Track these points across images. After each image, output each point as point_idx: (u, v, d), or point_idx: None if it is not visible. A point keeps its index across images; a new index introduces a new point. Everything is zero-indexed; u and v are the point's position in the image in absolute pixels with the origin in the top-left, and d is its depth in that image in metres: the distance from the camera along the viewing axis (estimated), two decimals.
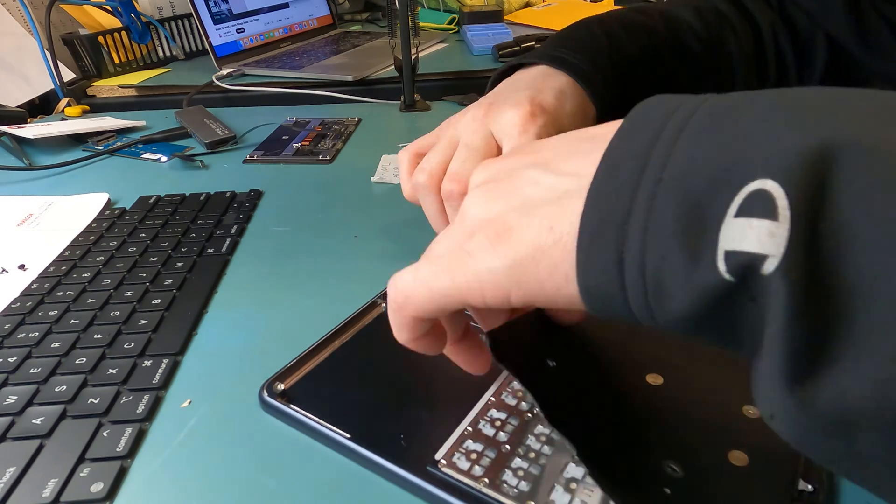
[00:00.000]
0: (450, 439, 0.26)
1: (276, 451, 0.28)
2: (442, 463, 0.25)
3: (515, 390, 0.29)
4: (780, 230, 0.14)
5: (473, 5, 1.20)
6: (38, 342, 0.35)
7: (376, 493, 0.25)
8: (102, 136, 0.71)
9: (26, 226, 0.51)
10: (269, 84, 0.88)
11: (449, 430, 0.27)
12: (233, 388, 0.32)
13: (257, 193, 0.54)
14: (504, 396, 0.29)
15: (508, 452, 0.25)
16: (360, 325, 0.34)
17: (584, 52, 0.41)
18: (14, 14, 0.91)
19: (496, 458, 0.25)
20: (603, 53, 0.43)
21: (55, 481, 0.26)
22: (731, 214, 0.15)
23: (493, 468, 0.25)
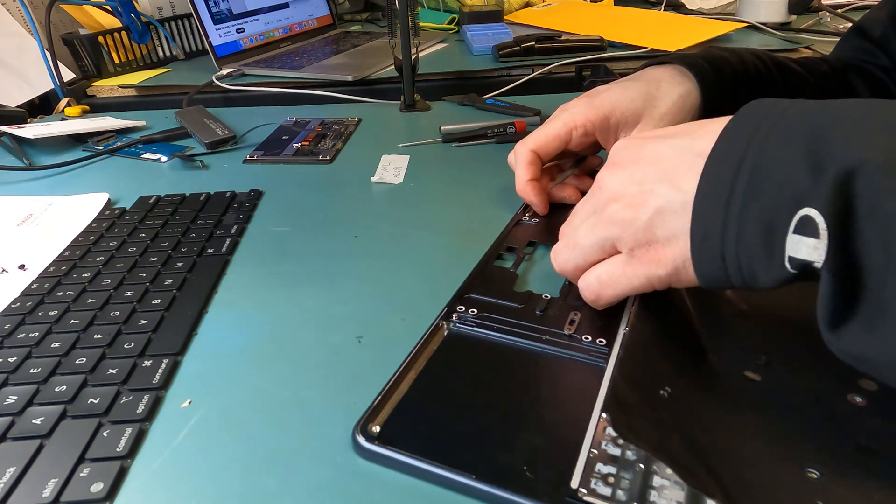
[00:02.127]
0: (578, 464, 0.24)
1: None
2: (582, 492, 0.23)
3: None
4: (822, 245, 0.22)
5: (473, 5, 1.20)
6: (38, 342, 0.35)
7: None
8: (102, 136, 0.70)
9: (26, 226, 0.50)
10: (269, 84, 0.88)
11: (570, 453, 0.25)
12: (233, 388, 0.32)
13: (257, 193, 0.54)
14: None
15: (644, 471, 0.24)
16: (431, 350, 0.32)
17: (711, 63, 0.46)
18: (14, 14, 0.91)
19: (634, 479, 0.24)
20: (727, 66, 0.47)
21: (55, 481, 0.26)
22: (790, 231, 0.23)
23: (637, 491, 0.23)
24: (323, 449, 0.28)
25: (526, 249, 0.42)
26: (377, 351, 0.34)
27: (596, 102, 0.45)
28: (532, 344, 0.32)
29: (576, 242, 0.33)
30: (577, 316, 0.34)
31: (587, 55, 0.92)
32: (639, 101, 0.44)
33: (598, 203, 0.32)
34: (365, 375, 0.32)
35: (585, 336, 0.32)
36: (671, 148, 0.30)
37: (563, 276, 0.36)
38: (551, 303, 0.35)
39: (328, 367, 0.33)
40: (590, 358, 0.31)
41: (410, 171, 0.57)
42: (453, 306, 0.35)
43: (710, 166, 0.27)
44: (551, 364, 0.31)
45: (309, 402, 0.31)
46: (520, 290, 0.37)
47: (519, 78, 0.86)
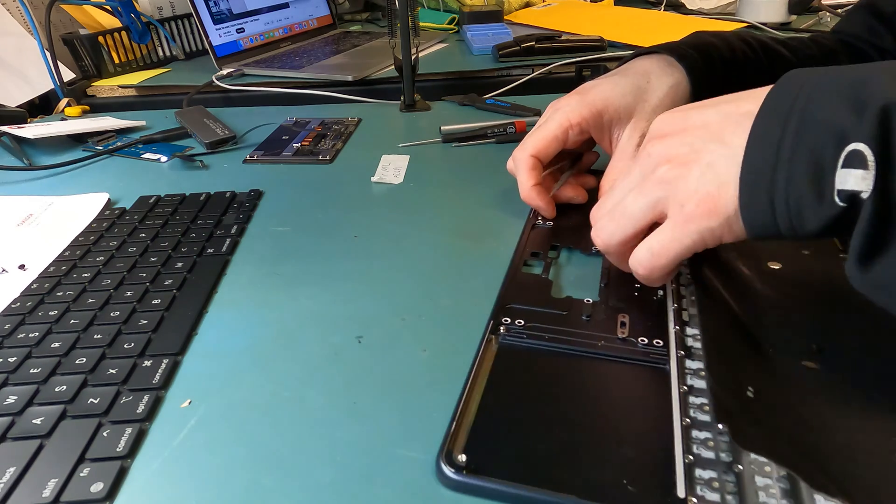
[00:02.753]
0: (677, 473, 0.24)
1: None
2: (692, 501, 0.23)
3: (700, 404, 0.27)
4: (870, 175, 0.24)
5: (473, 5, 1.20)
6: (38, 342, 0.35)
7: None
8: (102, 136, 0.71)
9: (26, 226, 0.51)
10: (269, 84, 0.88)
11: (663, 462, 0.25)
12: (233, 388, 0.32)
13: (257, 193, 0.54)
14: (694, 413, 0.27)
15: (743, 472, 0.24)
16: (488, 367, 0.31)
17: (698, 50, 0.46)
18: (14, 14, 0.91)
19: (738, 481, 0.23)
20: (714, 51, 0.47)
21: (55, 481, 0.26)
22: (839, 166, 0.25)
23: (744, 493, 0.23)
24: (323, 449, 0.28)
25: (550, 254, 0.41)
26: (377, 351, 0.34)
27: (588, 100, 0.44)
28: (588, 351, 0.31)
29: (623, 211, 0.33)
30: (626, 318, 0.33)
31: (587, 55, 0.92)
32: (630, 97, 0.44)
33: (646, 169, 0.32)
34: (365, 376, 0.32)
35: (641, 338, 0.32)
36: (717, 113, 0.31)
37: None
38: (595, 307, 0.35)
39: (328, 367, 0.33)
40: (650, 361, 0.31)
41: (410, 171, 0.57)
42: (498, 318, 0.34)
43: (759, 121, 0.28)
44: (613, 370, 0.30)
45: (309, 402, 0.31)
46: (558, 296, 0.36)
47: (519, 78, 0.86)
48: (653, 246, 0.31)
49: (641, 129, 0.44)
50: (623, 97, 0.44)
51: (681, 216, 0.30)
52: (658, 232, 0.31)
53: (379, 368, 0.32)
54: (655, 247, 0.31)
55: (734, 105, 0.31)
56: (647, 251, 0.31)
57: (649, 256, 0.31)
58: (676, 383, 0.29)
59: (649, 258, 0.31)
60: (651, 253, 0.31)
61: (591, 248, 0.40)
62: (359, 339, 0.35)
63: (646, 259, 0.32)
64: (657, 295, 0.35)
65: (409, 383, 0.31)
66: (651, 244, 0.31)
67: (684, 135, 0.31)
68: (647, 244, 0.32)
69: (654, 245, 0.31)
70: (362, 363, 0.33)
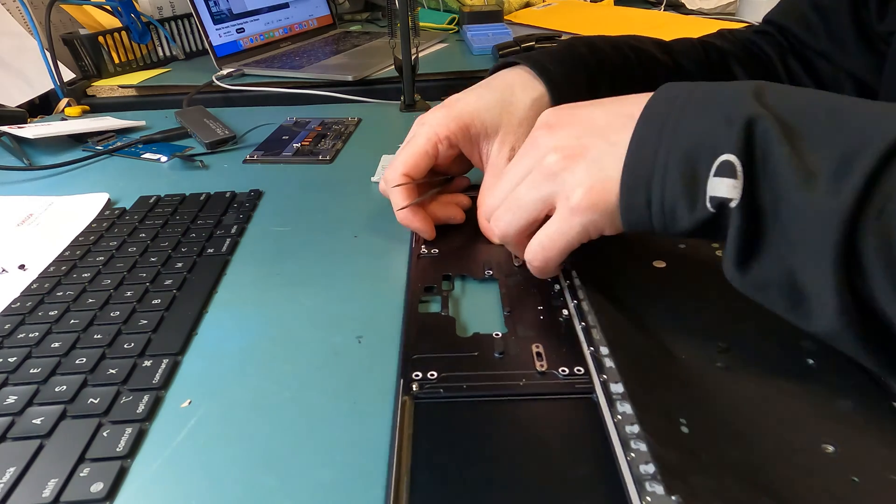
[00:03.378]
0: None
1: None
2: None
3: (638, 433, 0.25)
4: (738, 184, 0.26)
5: (473, 5, 1.20)
6: (38, 342, 0.35)
7: None
8: (102, 136, 0.71)
9: (26, 226, 0.51)
10: (269, 84, 0.88)
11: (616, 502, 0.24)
12: (233, 388, 0.32)
13: (257, 193, 0.54)
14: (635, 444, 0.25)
15: None
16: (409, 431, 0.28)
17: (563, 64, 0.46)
18: (14, 14, 0.91)
19: None
20: (580, 65, 0.47)
21: (55, 481, 0.26)
22: (711, 175, 0.27)
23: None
24: (323, 449, 0.28)
25: (445, 285, 0.38)
26: (377, 351, 0.34)
27: (454, 113, 0.43)
28: (511, 394, 0.29)
29: (517, 203, 0.34)
30: (539, 347, 0.32)
31: None
32: (495, 110, 0.43)
33: (533, 160, 0.34)
34: (365, 376, 0.32)
35: (561, 368, 0.31)
36: (604, 112, 0.33)
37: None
38: (506, 340, 0.33)
39: (328, 367, 0.33)
40: (576, 392, 0.29)
41: None
42: (408, 374, 0.30)
43: (640, 126, 0.30)
44: (541, 410, 0.29)
45: (309, 402, 0.31)
46: (463, 334, 0.34)
47: None
48: (543, 240, 0.33)
49: (510, 143, 0.43)
50: (489, 110, 0.43)
51: (567, 209, 0.32)
52: (547, 225, 0.33)
53: (379, 368, 0.32)
54: (545, 241, 0.33)
55: (619, 106, 0.33)
56: (539, 245, 0.33)
57: (541, 250, 0.33)
58: (609, 415, 0.27)
59: (541, 251, 0.33)
60: (542, 247, 0.33)
61: (485, 273, 0.39)
62: (359, 339, 0.35)
63: (539, 252, 0.33)
64: (562, 315, 0.35)
65: None
66: (541, 238, 0.33)
67: (572, 128, 0.33)
68: (538, 238, 0.33)
69: (544, 239, 0.33)
70: (362, 363, 0.33)
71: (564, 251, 0.33)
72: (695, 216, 0.28)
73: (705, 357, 0.31)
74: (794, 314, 0.27)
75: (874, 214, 0.23)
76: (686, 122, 0.29)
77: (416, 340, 0.33)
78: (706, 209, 0.27)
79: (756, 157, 0.26)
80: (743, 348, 0.31)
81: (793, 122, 0.26)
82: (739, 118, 0.27)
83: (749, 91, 0.28)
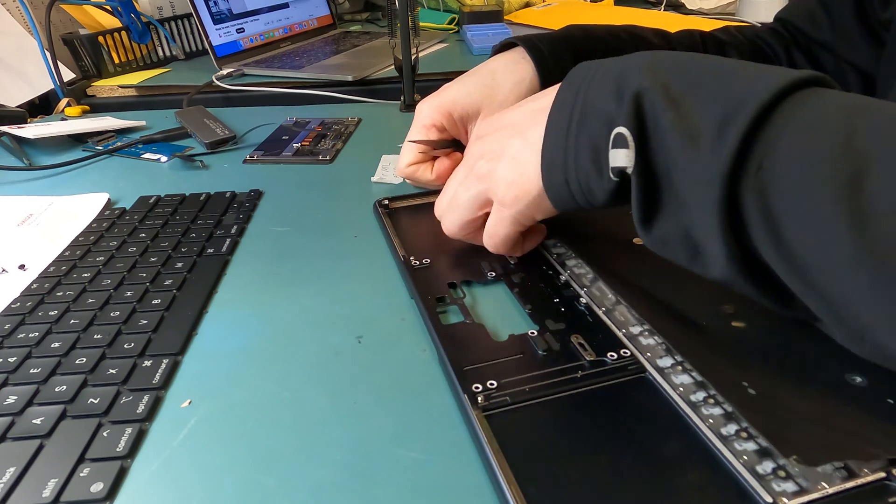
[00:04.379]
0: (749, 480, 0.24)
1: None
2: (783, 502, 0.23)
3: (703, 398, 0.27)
4: (631, 153, 0.29)
5: (473, 5, 1.20)
6: (38, 342, 0.35)
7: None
8: (102, 136, 0.71)
9: (26, 226, 0.51)
10: (269, 84, 0.88)
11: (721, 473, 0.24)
12: (233, 388, 0.32)
13: (257, 193, 0.54)
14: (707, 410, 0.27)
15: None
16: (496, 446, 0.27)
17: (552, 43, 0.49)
18: (14, 14, 0.91)
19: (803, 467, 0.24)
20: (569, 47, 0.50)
21: (55, 481, 0.26)
22: (610, 147, 0.30)
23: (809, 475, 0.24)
24: (323, 449, 0.28)
25: (456, 294, 0.38)
26: (377, 351, 0.34)
27: (436, 102, 0.48)
28: (575, 387, 0.29)
29: (456, 202, 0.39)
30: (579, 338, 0.32)
31: None
32: (475, 94, 0.47)
33: (467, 166, 0.39)
34: (365, 376, 0.32)
35: (610, 354, 0.31)
36: (522, 112, 0.37)
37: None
38: (543, 337, 0.33)
39: (328, 367, 0.33)
40: (629, 373, 0.30)
41: None
42: (469, 389, 0.29)
43: (552, 114, 0.33)
44: (609, 397, 0.29)
45: (309, 402, 0.31)
46: (499, 338, 0.33)
47: None
48: (488, 231, 0.38)
49: None
50: (468, 95, 0.47)
51: (497, 203, 0.36)
52: (489, 219, 0.38)
53: (379, 368, 0.32)
54: (490, 231, 0.38)
55: (535, 103, 0.36)
56: (487, 236, 0.38)
57: (489, 239, 0.38)
58: (671, 389, 0.28)
59: (491, 240, 0.38)
60: (489, 236, 0.38)
61: (487, 275, 0.39)
62: (359, 339, 0.35)
63: (489, 242, 0.38)
64: (580, 304, 0.35)
65: (409, 383, 0.31)
66: (487, 231, 0.38)
67: (496, 133, 0.37)
68: (486, 231, 0.38)
69: (489, 230, 0.38)
70: (362, 363, 0.33)
71: (508, 238, 0.37)
72: (604, 187, 0.31)
73: (722, 322, 0.33)
74: (695, 265, 0.29)
75: (753, 171, 0.25)
76: (588, 102, 0.31)
77: (458, 353, 0.32)
78: (611, 179, 0.30)
79: (646, 126, 0.28)
80: (746, 308, 0.33)
81: (681, 89, 0.28)
82: (628, 92, 0.29)
83: (641, 64, 0.30)
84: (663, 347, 0.31)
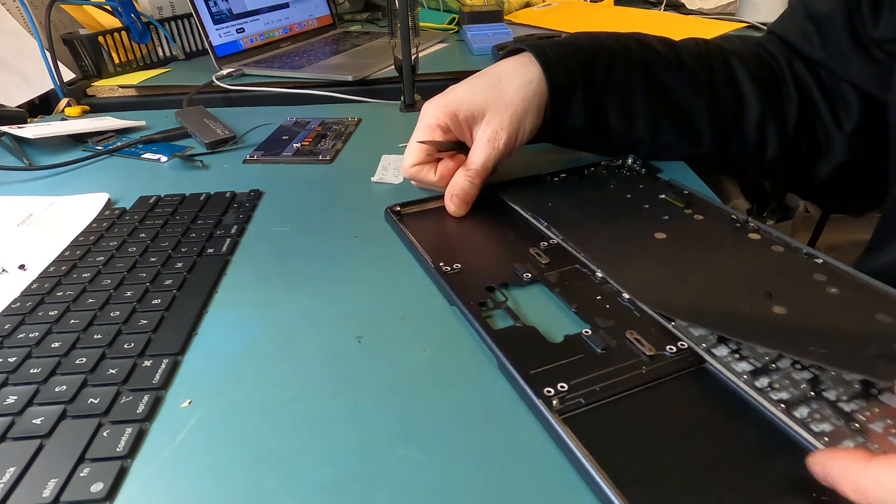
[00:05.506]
0: None
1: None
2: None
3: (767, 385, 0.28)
4: None
5: (473, 5, 1.20)
6: (38, 342, 0.35)
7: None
8: (102, 136, 0.71)
9: (26, 226, 0.51)
10: (269, 84, 0.88)
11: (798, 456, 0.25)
12: (233, 388, 0.32)
13: (257, 193, 0.54)
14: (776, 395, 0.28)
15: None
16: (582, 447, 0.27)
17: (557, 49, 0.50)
18: (14, 14, 0.91)
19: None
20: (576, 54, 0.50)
21: (55, 481, 0.26)
22: None
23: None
24: (323, 449, 0.28)
25: (497, 297, 0.37)
26: (377, 351, 0.34)
27: (443, 102, 0.48)
28: (644, 383, 0.30)
29: None
30: (634, 333, 0.33)
31: None
32: (480, 95, 0.48)
33: None
34: (365, 376, 0.32)
35: (669, 347, 0.31)
36: None
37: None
38: (598, 336, 0.33)
39: (328, 367, 0.33)
40: (689, 366, 0.30)
41: None
42: (541, 393, 0.29)
43: None
44: (674, 390, 0.29)
45: (309, 402, 0.31)
46: (554, 340, 0.33)
47: None
48: None
49: (494, 126, 0.47)
50: (474, 96, 0.48)
51: None
52: None
53: (379, 368, 0.32)
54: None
55: None
56: None
57: None
58: (735, 377, 0.29)
59: None
60: None
61: (523, 277, 0.38)
62: (359, 339, 0.35)
63: None
64: (623, 299, 0.36)
65: (409, 383, 0.31)
66: None
67: None
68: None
69: None
70: (362, 363, 0.33)
71: None
72: None
73: (763, 307, 0.33)
74: None
75: None
76: None
77: (519, 357, 0.32)
78: None
79: None
80: (782, 290, 0.34)
81: None
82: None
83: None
84: (715, 337, 0.32)
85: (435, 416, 0.29)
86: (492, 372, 0.32)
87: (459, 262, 0.40)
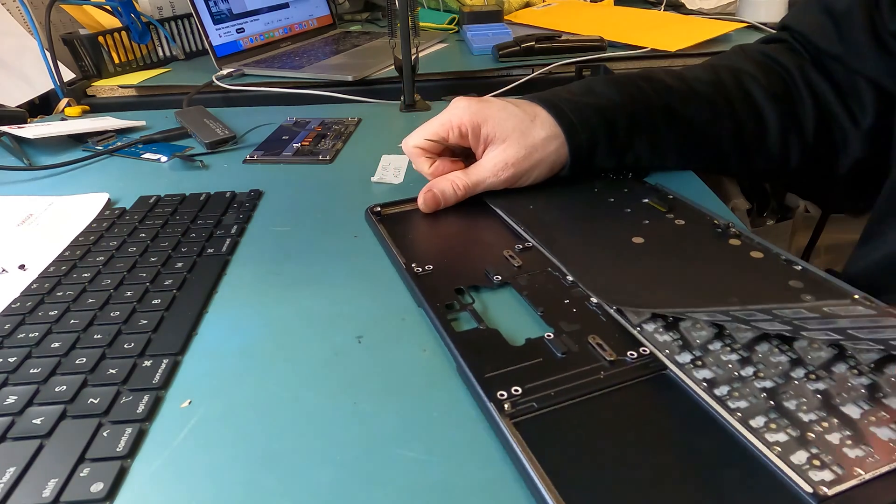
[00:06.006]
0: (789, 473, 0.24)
1: None
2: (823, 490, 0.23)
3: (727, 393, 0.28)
4: None
5: (473, 5, 1.20)
6: (38, 342, 0.35)
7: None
8: (102, 136, 0.71)
9: (26, 226, 0.51)
10: (269, 84, 0.88)
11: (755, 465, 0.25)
12: (233, 388, 0.32)
13: (257, 193, 0.54)
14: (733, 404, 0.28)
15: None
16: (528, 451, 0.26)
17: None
18: (14, 14, 0.91)
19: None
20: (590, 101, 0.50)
21: (55, 481, 0.26)
22: None
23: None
24: (323, 449, 0.28)
25: (465, 300, 0.37)
26: (377, 351, 0.34)
27: (475, 108, 0.47)
28: (600, 388, 0.29)
29: None
30: (596, 338, 0.32)
31: (587, 55, 0.92)
32: (510, 124, 0.47)
33: None
34: (365, 376, 0.32)
35: (629, 353, 0.31)
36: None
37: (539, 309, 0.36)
38: (560, 340, 0.33)
39: (328, 367, 0.33)
40: (650, 371, 0.30)
41: (410, 171, 0.57)
42: (493, 396, 0.29)
43: None
44: (631, 396, 0.29)
45: (309, 402, 0.31)
46: (515, 343, 0.33)
47: (519, 78, 0.86)
48: None
49: (507, 158, 0.47)
50: (505, 121, 0.47)
51: None
52: None
53: (379, 368, 0.32)
54: None
55: None
56: None
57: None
58: (694, 384, 0.29)
59: None
60: None
61: (493, 280, 0.38)
62: (359, 339, 0.35)
63: None
64: (591, 303, 0.36)
65: (409, 383, 0.31)
66: None
67: None
68: None
69: None
70: (362, 363, 0.33)
71: None
72: None
73: (721, 303, 0.33)
74: None
75: None
76: None
77: (477, 360, 0.31)
78: None
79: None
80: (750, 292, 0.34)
81: None
82: None
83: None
84: (679, 343, 0.31)
85: (435, 415, 0.29)
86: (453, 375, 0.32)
87: (432, 264, 0.40)
